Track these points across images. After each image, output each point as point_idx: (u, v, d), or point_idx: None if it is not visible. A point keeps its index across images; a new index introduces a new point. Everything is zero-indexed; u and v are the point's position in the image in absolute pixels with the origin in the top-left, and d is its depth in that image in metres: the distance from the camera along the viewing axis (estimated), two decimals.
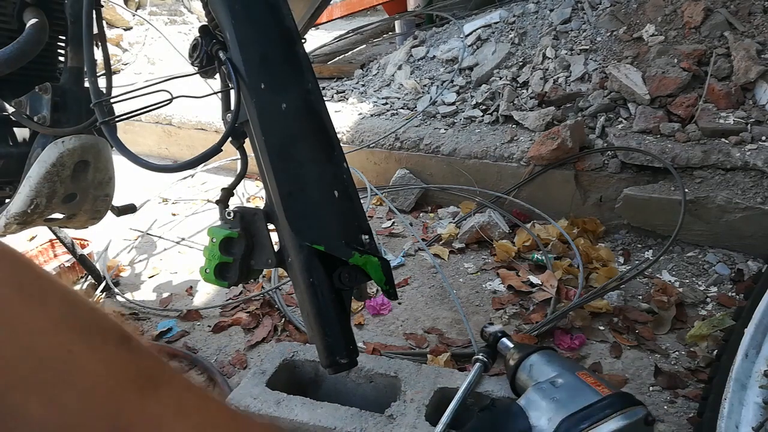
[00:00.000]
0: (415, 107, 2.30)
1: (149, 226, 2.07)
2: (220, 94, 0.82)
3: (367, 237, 0.76)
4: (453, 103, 2.22)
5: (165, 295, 1.63)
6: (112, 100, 0.95)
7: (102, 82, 1.04)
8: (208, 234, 0.80)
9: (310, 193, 0.75)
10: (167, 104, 0.75)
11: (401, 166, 2.08)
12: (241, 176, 0.84)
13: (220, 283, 0.80)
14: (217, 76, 0.82)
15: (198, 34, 0.80)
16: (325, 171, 0.76)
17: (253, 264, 0.80)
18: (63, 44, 1.19)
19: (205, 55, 0.79)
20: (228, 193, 0.84)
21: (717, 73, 1.77)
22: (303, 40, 0.80)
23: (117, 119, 0.85)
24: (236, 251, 0.79)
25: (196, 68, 0.81)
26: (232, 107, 0.75)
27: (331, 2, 3.23)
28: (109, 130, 0.81)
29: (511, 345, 0.94)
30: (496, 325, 0.98)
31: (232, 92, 0.75)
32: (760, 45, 1.77)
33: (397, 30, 3.43)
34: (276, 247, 0.80)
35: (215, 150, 0.74)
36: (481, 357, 0.98)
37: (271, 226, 0.80)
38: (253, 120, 0.74)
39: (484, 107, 2.14)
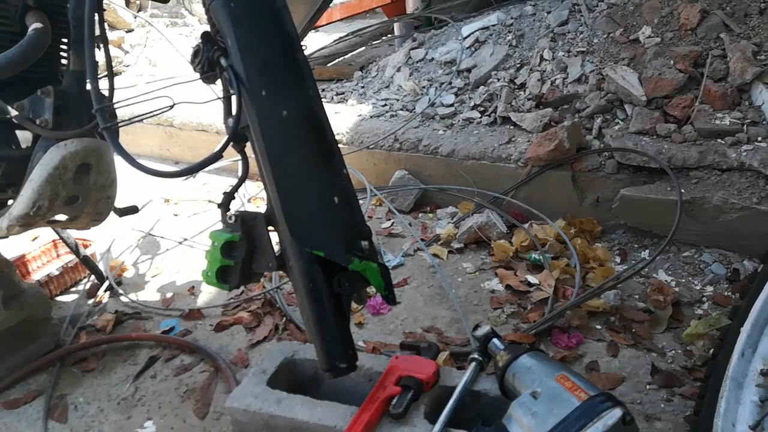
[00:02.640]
0: (414, 109, 2.31)
1: (152, 227, 2.09)
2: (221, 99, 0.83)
3: (366, 243, 0.77)
4: (451, 105, 2.23)
5: (167, 294, 1.64)
6: (113, 105, 0.96)
7: (104, 85, 1.05)
8: (210, 237, 0.81)
9: (310, 199, 0.76)
10: (169, 110, 0.76)
11: (400, 167, 2.09)
12: (243, 180, 0.86)
13: (222, 286, 0.81)
14: (219, 81, 0.83)
15: (200, 40, 0.81)
16: (325, 177, 0.77)
17: (254, 267, 0.81)
18: (65, 47, 1.20)
19: (207, 61, 0.80)
20: (229, 197, 0.85)
21: (713, 75, 1.78)
22: (303, 47, 0.81)
23: (118, 125, 0.86)
24: (237, 255, 0.80)
25: (198, 74, 0.82)
26: (233, 112, 0.76)
27: (331, 5, 3.23)
28: (110, 135, 0.82)
29: (501, 346, 0.96)
30: (486, 326, 0.99)
31: (234, 98, 0.76)
32: (755, 46, 1.78)
33: (396, 32, 3.44)
34: (277, 250, 0.81)
35: (216, 156, 0.75)
36: (476, 356, 1.00)
37: (271, 229, 0.81)
38: (254, 126, 0.75)
39: (482, 109, 2.16)
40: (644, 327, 1.34)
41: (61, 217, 1.17)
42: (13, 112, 1.10)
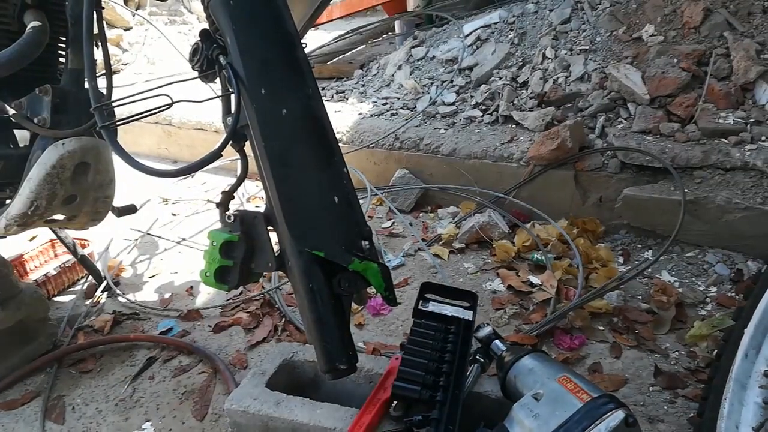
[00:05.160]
0: (415, 107, 2.30)
1: (150, 226, 2.08)
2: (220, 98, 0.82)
3: (367, 243, 0.76)
4: (453, 103, 2.22)
5: (166, 295, 1.64)
6: (112, 103, 0.95)
7: (102, 83, 1.04)
8: (209, 237, 0.80)
9: (310, 199, 0.75)
10: (167, 108, 0.75)
11: (401, 166, 2.08)
12: (242, 179, 0.85)
13: (220, 286, 0.80)
14: (218, 79, 0.83)
15: (198, 38, 0.80)
16: (324, 176, 0.76)
17: (254, 267, 0.81)
18: (63, 46, 1.19)
19: (206, 59, 0.79)
20: (228, 196, 0.84)
21: (716, 73, 1.77)
22: (303, 44, 0.80)
23: (116, 123, 0.85)
24: (236, 255, 0.79)
25: (197, 72, 0.81)
26: (233, 111, 0.75)
27: (331, 2, 3.22)
28: (108, 134, 0.81)
29: (503, 347, 0.95)
30: (487, 327, 0.98)
31: (233, 96, 0.75)
32: (759, 45, 1.77)
33: (397, 30, 3.43)
34: (276, 250, 0.80)
35: (215, 155, 0.74)
36: (478, 358, 0.99)
37: (271, 229, 0.80)
38: (253, 125, 0.74)
39: (483, 107, 2.14)
40: (647, 328, 1.33)
41: (59, 216, 1.17)
42: (11, 111, 1.09)
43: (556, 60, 2.14)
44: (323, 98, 1.60)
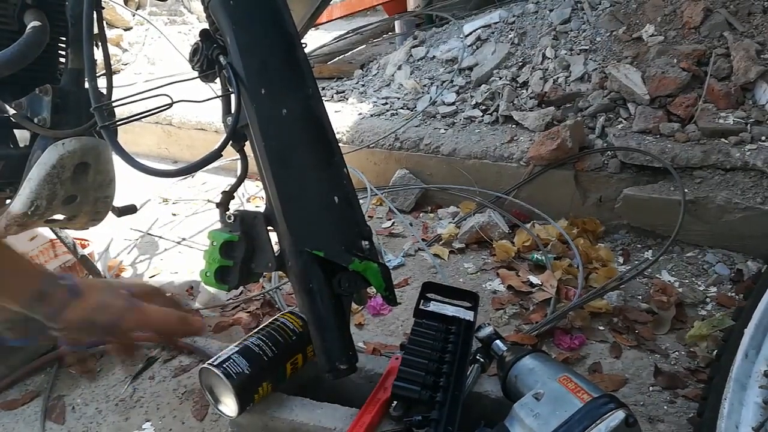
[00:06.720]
0: (415, 107, 2.30)
1: (150, 226, 2.08)
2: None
3: (366, 243, 0.76)
4: (453, 103, 2.22)
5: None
6: (112, 103, 0.95)
7: (102, 83, 1.05)
8: (209, 237, 0.81)
9: (310, 199, 0.75)
10: (167, 108, 0.75)
11: (401, 166, 2.08)
12: (242, 179, 0.85)
13: (221, 286, 0.81)
14: (218, 79, 0.83)
15: (199, 38, 0.80)
16: (325, 176, 0.76)
17: (254, 267, 0.81)
18: (63, 45, 1.20)
19: (206, 59, 0.79)
20: (228, 196, 0.84)
21: (716, 74, 1.77)
22: (303, 44, 0.80)
23: (117, 123, 0.85)
24: (236, 255, 0.79)
25: (197, 72, 0.81)
26: (233, 111, 0.75)
27: (331, 2, 3.22)
28: (108, 133, 0.82)
29: (503, 347, 0.95)
30: (488, 327, 0.99)
31: (233, 96, 0.75)
32: (759, 45, 1.77)
33: (397, 30, 3.43)
34: (276, 250, 0.80)
35: (216, 155, 0.74)
36: (478, 357, 0.99)
37: (271, 229, 0.80)
38: (253, 125, 0.75)
39: (483, 107, 2.14)
40: (647, 328, 1.33)
41: (60, 216, 1.17)
42: (11, 111, 1.09)
43: (556, 60, 2.14)
44: (323, 98, 1.60)
